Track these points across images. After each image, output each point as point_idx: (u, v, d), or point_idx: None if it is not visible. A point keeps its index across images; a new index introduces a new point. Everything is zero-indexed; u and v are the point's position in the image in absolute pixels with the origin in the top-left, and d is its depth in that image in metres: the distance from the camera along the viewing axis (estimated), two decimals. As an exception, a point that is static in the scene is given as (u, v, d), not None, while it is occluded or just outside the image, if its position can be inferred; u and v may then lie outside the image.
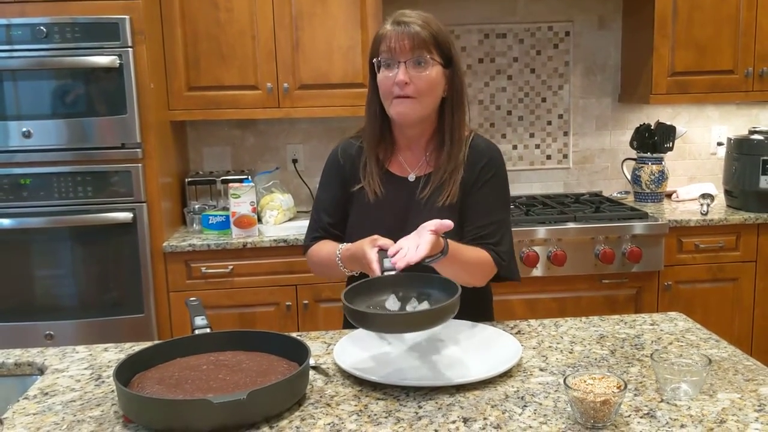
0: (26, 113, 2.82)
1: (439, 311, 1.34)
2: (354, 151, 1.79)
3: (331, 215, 1.80)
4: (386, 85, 1.65)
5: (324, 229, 1.80)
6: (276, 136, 3.57)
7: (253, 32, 3.11)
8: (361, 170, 1.76)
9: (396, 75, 1.62)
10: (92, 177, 2.87)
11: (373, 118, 1.74)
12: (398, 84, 1.62)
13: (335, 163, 1.81)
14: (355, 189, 1.76)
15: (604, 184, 3.76)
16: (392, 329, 1.41)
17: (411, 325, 1.38)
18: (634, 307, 3.09)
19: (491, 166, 1.73)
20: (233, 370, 1.38)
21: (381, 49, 1.65)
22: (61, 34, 2.77)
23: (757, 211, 3.18)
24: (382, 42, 1.66)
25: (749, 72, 3.31)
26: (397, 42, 1.62)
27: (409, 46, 1.62)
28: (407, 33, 1.62)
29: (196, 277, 2.98)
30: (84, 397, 1.41)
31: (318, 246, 1.79)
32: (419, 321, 1.36)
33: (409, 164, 1.76)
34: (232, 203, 3.00)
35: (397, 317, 1.39)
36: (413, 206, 1.71)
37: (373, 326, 1.39)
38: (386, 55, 1.64)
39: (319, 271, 1.83)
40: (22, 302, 2.91)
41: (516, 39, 3.62)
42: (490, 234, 1.69)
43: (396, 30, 1.64)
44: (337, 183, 1.80)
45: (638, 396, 1.33)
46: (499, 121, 3.65)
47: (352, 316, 1.36)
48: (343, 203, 1.79)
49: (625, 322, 1.75)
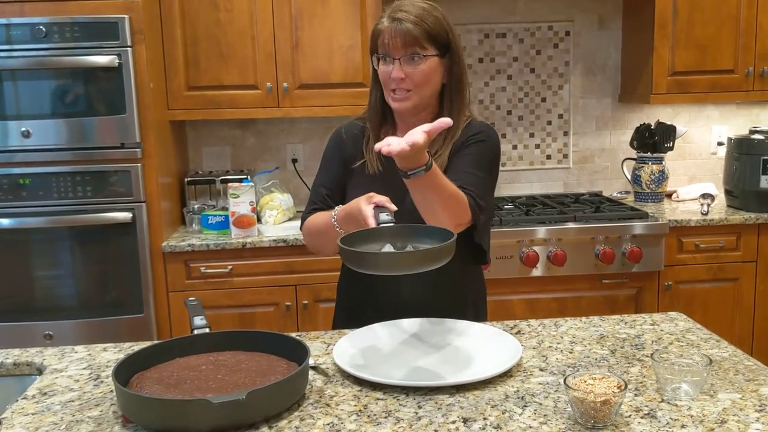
0: (25, 113, 2.81)
1: (434, 251, 1.34)
2: (357, 131, 1.84)
3: (329, 189, 1.82)
4: (384, 78, 1.71)
5: (322, 200, 1.82)
6: (276, 136, 3.57)
7: (253, 32, 3.11)
8: (364, 146, 1.81)
9: (392, 71, 1.67)
10: (91, 177, 2.86)
11: (375, 104, 1.80)
12: (394, 80, 1.68)
13: (338, 141, 1.86)
14: (356, 165, 1.80)
15: (604, 184, 3.75)
16: (388, 269, 1.39)
17: (406, 264, 1.37)
18: (634, 307, 3.09)
19: (483, 135, 1.74)
20: (232, 370, 1.38)
21: (379, 44, 1.70)
22: (60, 33, 2.77)
23: (757, 211, 3.18)
24: (379, 36, 1.70)
25: (750, 71, 3.31)
26: (390, 40, 1.66)
27: (401, 44, 1.65)
28: (399, 31, 1.65)
29: (195, 277, 2.98)
30: (83, 397, 1.40)
31: (314, 216, 1.80)
32: (414, 261, 1.35)
33: None
34: (231, 203, 3.00)
35: (393, 256, 1.39)
36: None
37: (368, 266, 1.37)
38: (382, 51, 1.69)
39: (315, 242, 1.82)
40: (21, 302, 2.91)
41: (516, 39, 3.62)
42: (471, 183, 1.65)
43: (390, 27, 1.67)
44: (338, 160, 1.83)
45: (639, 396, 1.32)
46: (499, 121, 3.65)
47: (347, 257, 1.37)
48: (343, 180, 1.82)
49: (626, 322, 1.75)
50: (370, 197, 1.54)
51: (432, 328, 1.67)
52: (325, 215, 1.73)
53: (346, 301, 1.91)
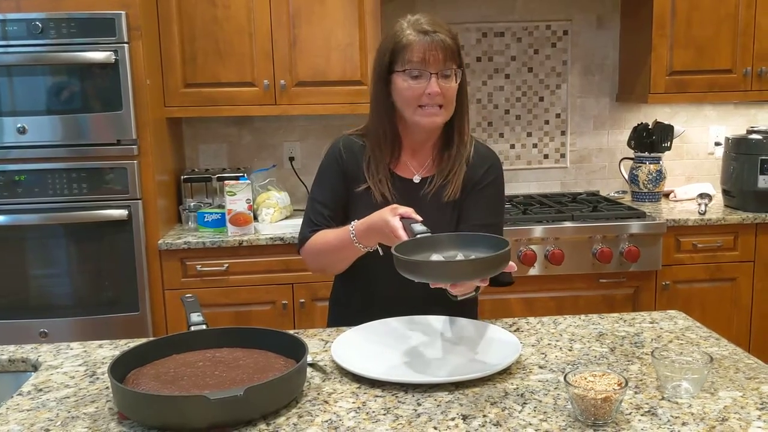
0: (21, 109, 2.79)
1: (495, 258, 1.32)
2: (357, 149, 1.76)
3: (330, 209, 1.75)
4: (414, 95, 1.63)
5: (324, 221, 1.75)
6: (273, 134, 3.55)
7: (251, 29, 3.10)
8: (366, 170, 1.73)
9: (427, 86, 1.61)
10: (87, 174, 2.84)
11: (380, 120, 1.71)
12: (431, 96, 1.61)
13: (336, 158, 1.77)
14: (360, 189, 1.72)
15: (602, 184, 3.75)
16: (451, 277, 1.37)
17: (469, 272, 1.35)
18: (632, 307, 3.08)
19: (494, 170, 1.76)
20: (230, 367, 1.37)
21: (408, 59, 1.61)
22: (56, 29, 2.75)
23: (755, 210, 3.18)
24: (408, 51, 1.61)
25: (748, 71, 3.31)
26: (429, 53, 1.60)
27: (442, 58, 1.61)
28: (439, 44, 1.60)
29: (191, 275, 2.96)
30: (78, 393, 1.39)
31: (320, 234, 1.73)
32: (477, 269, 1.34)
33: (413, 165, 1.76)
34: (228, 201, 2.98)
35: (459, 265, 1.37)
36: (417, 203, 1.68)
37: (429, 275, 1.37)
38: (418, 66, 1.61)
39: (321, 262, 1.76)
40: (16, 300, 2.89)
41: (514, 38, 3.61)
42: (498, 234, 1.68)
43: (425, 40, 1.60)
44: (338, 178, 1.76)
45: (639, 394, 1.31)
46: (496, 120, 3.64)
47: (406, 267, 1.35)
48: (343, 198, 1.75)
49: (625, 320, 1.74)
50: (394, 209, 1.52)
51: (431, 325, 1.66)
52: (338, 232, 1.68)
53: (340, 301, 1.89)
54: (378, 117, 1.72)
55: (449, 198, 1.71)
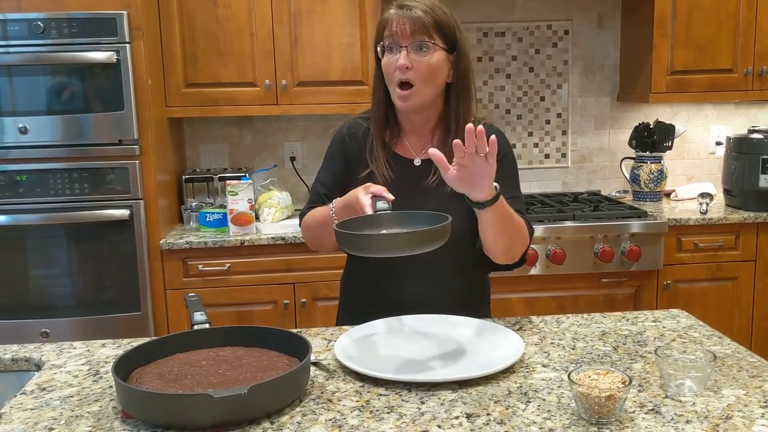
0: (22, 109, 2.80)
1: (428, 232, 1.36)
2: (361, 133, 1.78)
3: (328, 188, 1.79)
4: (389, 69, 1.65)
5: (320, 199, 1.79)
6: (274, 134, 3.56)
7: (252, 29, 3.10)
8: (368, 153, 1.75)
9: (398, 59, 1.62)
10: (89, 174, 2.85)
11: (378, 104, 1.74)
12: (399, 68, 1.62)
13: (341, 141, 1.80)
14: (364, 174, 1.73)
15: (603, 183, 3.75)
16: (382, 250, 1.41)
17: (400, 246, 1.38)
18: (633, 306, 3.08)
19: (504, 146, 1.72)
20: (233, 366, 1.37)
21: (384, 34, 1.66)
22: (58, 29, 2.75)
23: (756, 210, 3.18)
24: (386, 27, 1.65)
25: (749, 71, 3.31)
26: (398, 26, 1.62)
27: (410, 30, 1.62)
28: (409, 17, 1.62)
29: (193, 274, 2.96)
30: (82, 392, 1.39)
31: (312, 210, 1.78)
32: (408, 242, 1.37)
33: (414, 148, 1.76)
34: (229, 201, 2.99)
35: (388, 238, 1.40)
36: (421, 191, 1.70)
37: (363, 249, 1.40)
38: (389, 40, 1.64)
39: (314, 236, 1.80)
40: (18, 300, 2.89)
41: (515, 37, 3.61)
42: (520, 208, 1.69)
43: (399, 14, 1.63)
44: (340, 160, 1.78)
45: (642, 392, 1.31)
46: (497, 120, 3.64)
47: (342, 240, 1.39)
48: (343, 180, 1.77)
49: (627, 319, 1.74)
50: (367, 187, 1.54)
51: (434, 323, 1.66)
52: (323, 209, 1.72)
53: (349, 300, 1.89)
54: (376, 99, 1.74)
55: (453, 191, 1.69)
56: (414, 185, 1.71)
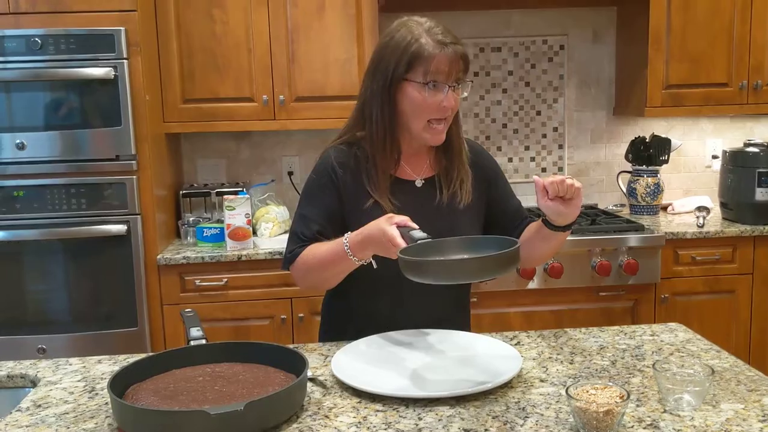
0: (20, 125, 2.80)
1: (505, 256, 1.32)
2: (352, 163, 1.69)
3: (320, 224, 1.67)
4: (427, 107, 1.59)
5: (313, 237, 1.66)
6: (271, 148, 3.56)
7: (249, 45, 3.11)
8: (367, 182, 1.67)
9: (444, 99, 1.59)
10: (86, 189, 2.84)
11: (383, 129, 1.65)
12: (446, 109, 1.60)
13: (330, 175, 1.69)
14: (368, 205, 1.65)
15: (600, 197, 3.76)
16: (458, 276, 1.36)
17: (470, 272, 1.34)
18: (631, 320, 3.08)
19: (492, 162, 1.84)
20: (229, 382, 1.36)
21: (429, 70, 1.57)
22: (55, 45, 2.76)
23: (752, 223, 3.18)
24: (427, 62, 1.57)
25: (743, 85, 3.32)
26: (452, 66, 1.58)
27: (462, 70, 1.61)
28: (462, 55, 1.60)
29: (190, 289, 2.95)
30: (77, 409, 1.38)
31: (311, 248, 1.64)
32: (488, 266, 1.32)
33: (414, 170, 1.75)
34: (226, 215, 2.98)
35: (463, 263, 1.35)
36: (431, 210, 1.68)
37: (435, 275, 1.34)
38: (440, 78, 1.57)
39: (312, 277, 1.65)
40: (14, 315, 2.88)
41: (511, 52, 3.63)
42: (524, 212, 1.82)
43: (446, 52, 1.57)
44: (331, 194, 1.68)
45: (641, 407, 1.31)
46: (494, 134, 3.65)
47: (411, 267, 1.34)
48: (338, 215, 1.68)
49: (625, 333, 1.74)
50: (389, 218, 1.48)
51: (431, 339, 1.66)
52: (329, 245, 1.60)
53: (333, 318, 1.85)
54: (381, 125, 1.64)
55: (464, 202, 1.70)
56: (422, 206, 1.69)
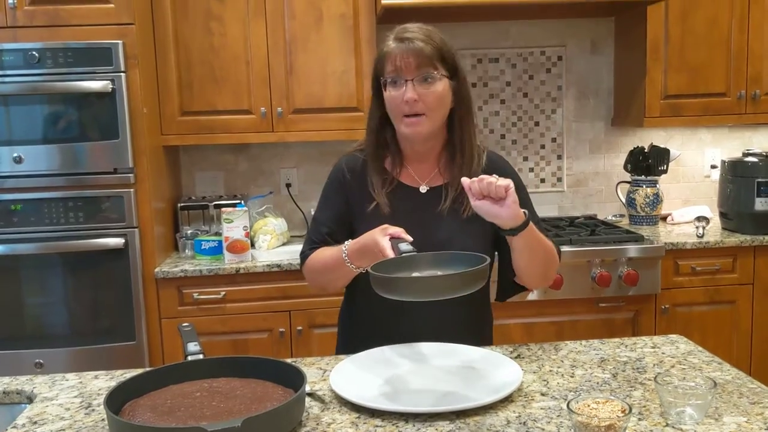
0: (18, 138, 2.79)
1: (470, 274, 1.32)
2: (360, 167, 1.76)
3: (329, 227, 1.75)
4: (395, 103, 1.64)
5: (322, 240, 1.75)
6: (269, 161, 3.56)
7: (247, 57, 3.11)
8: (370, 185, 1.72)
9: (404, 93, 1.61)
10: (84, 202, 2.84)
11: (373, 133, 1.73)
12: (408, 102, 1.61)
13: (339, 179, 1.77)
14: (371, 208, 1.70)
15: (599, 207, 3.75)
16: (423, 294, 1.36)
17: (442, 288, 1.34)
18: (632, 331, 3.07)
19: (507, 173, 1.70)
20: (227, 397, 1.35)
21: (387, 68, 1.64)
22: (53, 59, 2.76)
23: (752, 233, 3.18)
24: (387, 60, 1.64)
25: (742, 95, 3.33)
26: (402, 60, 1.61)
27: (414, 64, 1.61)
28: (412, 50, 1.61)
29: (188, 303, 2.94)
30: (74, 426, 1.37)
31: (318, 252, 1.73)
32: (451, 284, 1.33)
33: (420, 176, 1.75)
34: (225, 228, 2.97)
35: (430, 281, 1.36)
36: (432, 218, 1.68)
37: (403, 292, 1.35)
38: (392, 74, 1.63)
39: (319, 280, 1.75)
40: (11, 330, 2.86)
41: (509, 63, 3.63)
42: (543, 230, 1.69)
43: (400, 47, 1.62)
44: (340, 198, 1.76)
45: (642, 420, 1.30)
46: (492, 145, 3.65)
47: (380, 284, 1.34)
48: (346, 219, 1.75)
49: (626, 345, 1.72)
50: (384, 229, 1.51)
51: (431, 353, 1.64)
52: (332, 251, 1.68)
53: (349, 330, 1.86)
54: (370, 128, 1.73)
55: (468, 212, 1.66)
56: (423, 213, 1.70)
